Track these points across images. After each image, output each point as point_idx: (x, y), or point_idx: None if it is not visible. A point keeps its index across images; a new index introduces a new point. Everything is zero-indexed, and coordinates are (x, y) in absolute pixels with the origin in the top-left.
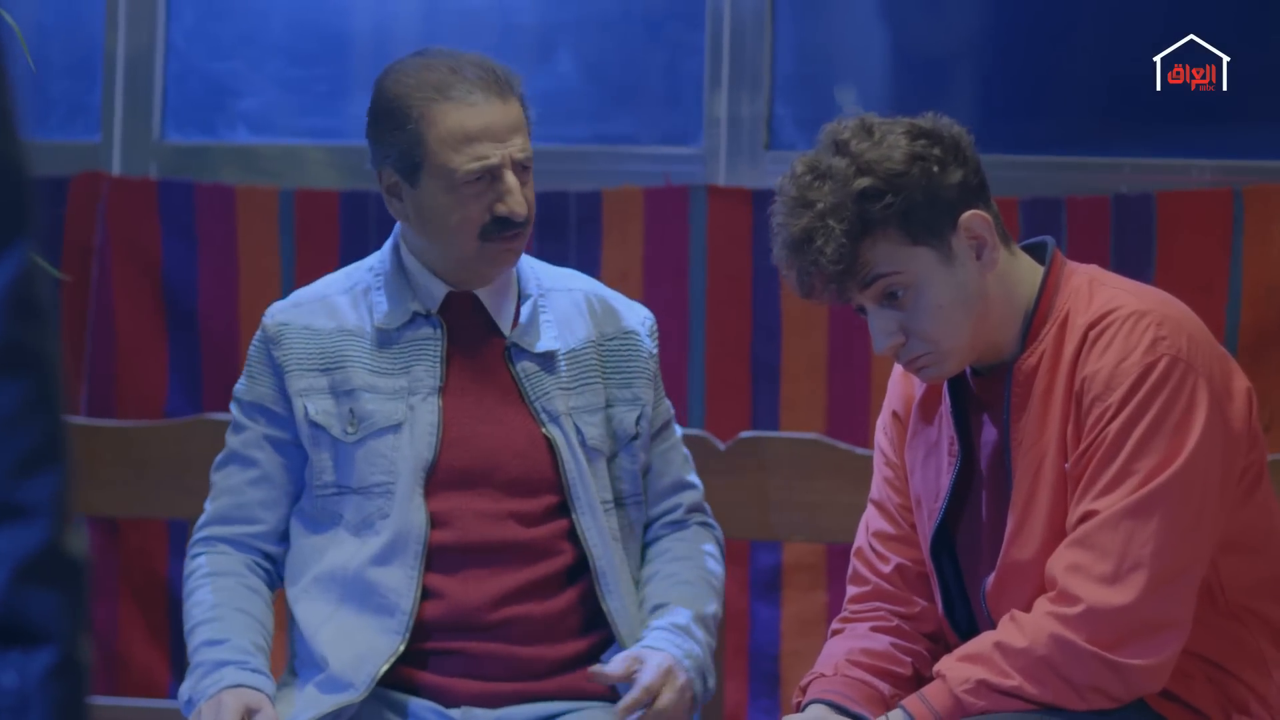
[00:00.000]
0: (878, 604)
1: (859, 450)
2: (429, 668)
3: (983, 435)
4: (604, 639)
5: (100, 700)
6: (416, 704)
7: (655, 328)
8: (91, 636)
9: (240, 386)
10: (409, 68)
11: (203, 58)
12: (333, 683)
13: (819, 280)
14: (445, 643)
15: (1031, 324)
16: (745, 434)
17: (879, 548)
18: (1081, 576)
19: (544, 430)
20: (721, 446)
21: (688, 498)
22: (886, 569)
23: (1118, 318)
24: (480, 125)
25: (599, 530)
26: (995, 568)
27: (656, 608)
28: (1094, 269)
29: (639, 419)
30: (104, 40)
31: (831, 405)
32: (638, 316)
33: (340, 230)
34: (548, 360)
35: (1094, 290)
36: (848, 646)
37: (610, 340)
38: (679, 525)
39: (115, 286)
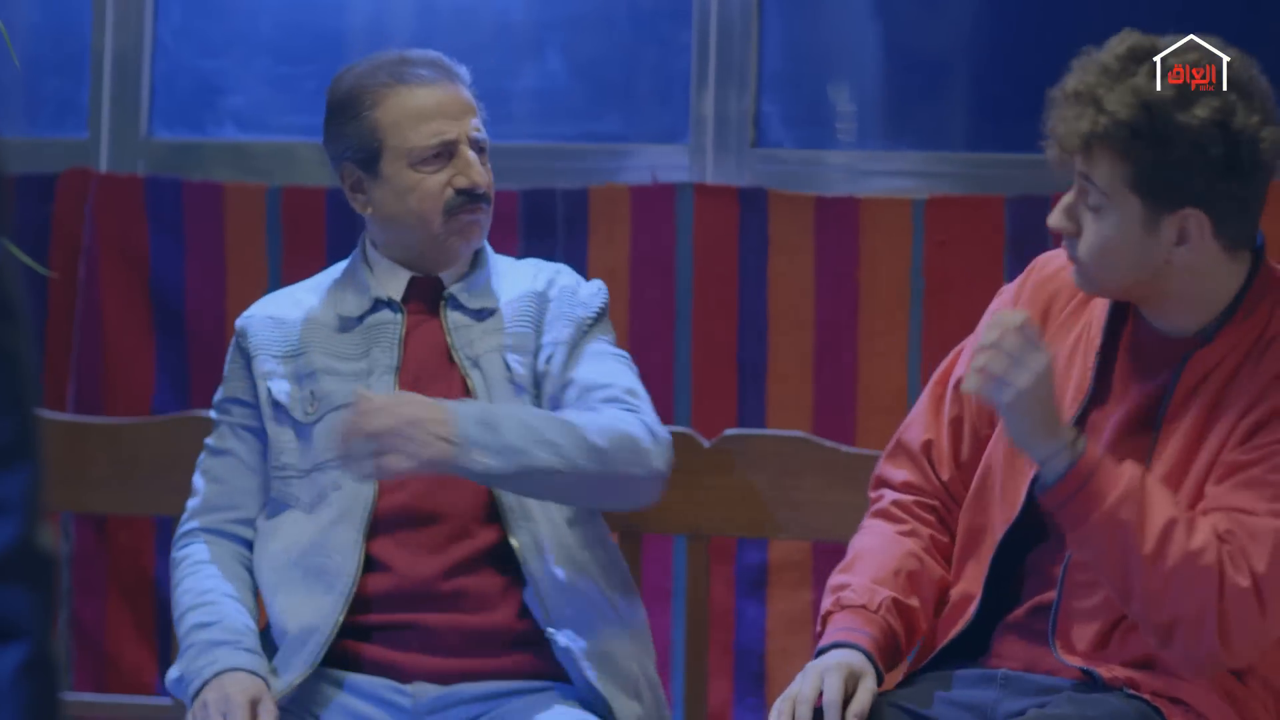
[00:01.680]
0: (937, 504)
1: (845, 448)
2: (380, 641)
3: (1130, 392)
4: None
5: (88, 697)
6: (369, 681)
7: (602, 291)
8: (57, 633)
9: (217, 392)
10: (358, 65)
11: (191, 55)
12: (288, 659)
13: (1054, 135)
14: (396, 615)
15: (1228, 323)
16: (730, 432)
17: (948, 444)
18: (1248, 558)
19: (463, 375)
20: (706, 444)
21: (602, 393)
22: (944, 476)
23: None
24: (433, 103)
25: None
26: None
27: None
28: None
29: (549, 358)
30: (92, 37)
31: (818, 404)
32: (585, 283)
33: (327, 227)
34: (483, 314)
35: None
36: (895, 565)
37: (549, 299)
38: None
39: (103, 283)
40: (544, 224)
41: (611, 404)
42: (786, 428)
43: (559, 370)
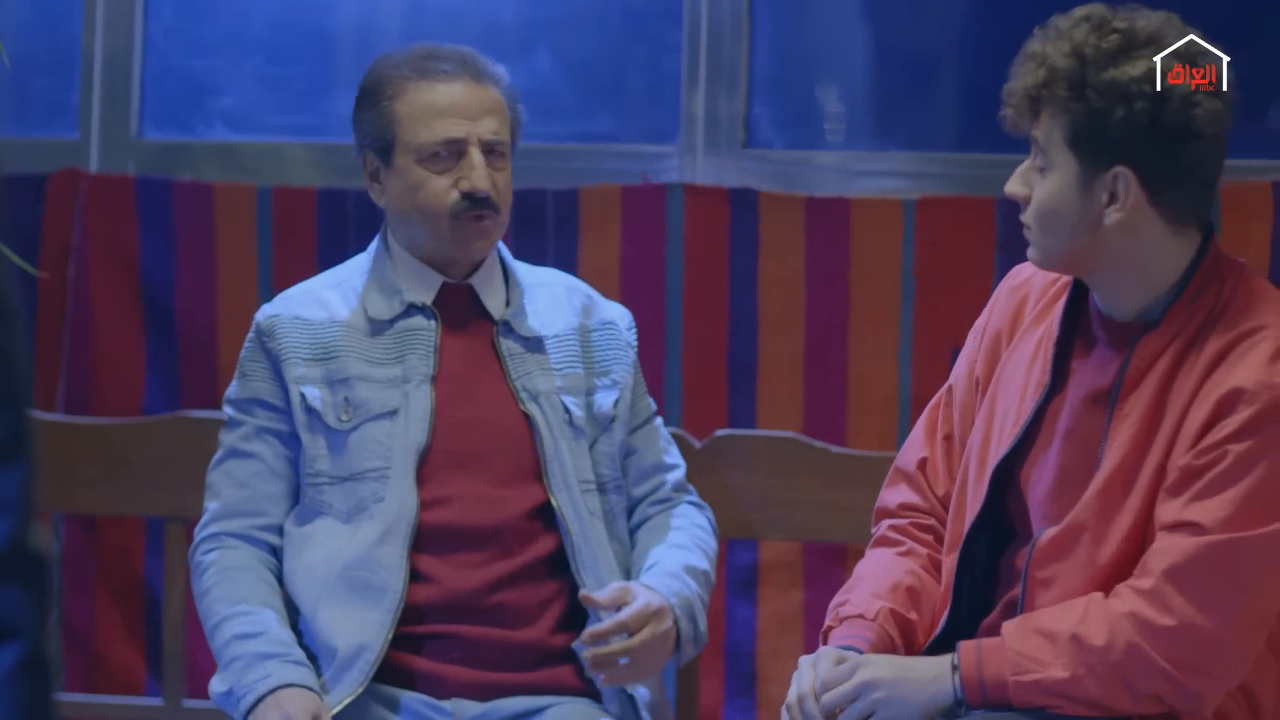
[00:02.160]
0: (934, 522)
1: (835, 449)
2: (422, 653)
3: (1085, 380)
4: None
5: (77, 698)
6: (409, 697)
7: (633, 325)
8: (51, 632)
9: (232, 388)
10: (390, 56)
11: (181, 55)
12: (338, 677)
13: (1006, 98)
14: (438, 626)
15: (1175, 304)
16: (721, 432)
17: (942, 461)
18: (1179, 588)
19: (523, 408)
20: (698, 445)
21: (671, 476)
22: (939, 492)
23: (1268, 337)
24: (448, 101)
25: (574, 507)
26: (1061, 524)
27: (647, 568)
28: (1252, 271)
29: (616, 402)
30: (82, 37)
31: (808, 404)
32: (617, 311)
33: (318, 227)
34: (534, 343)
35: (1253, 298)
36: (894, 580)
37: (592, 332)
38: (666, 503)
39: (93, 284)
40: (534, 224)
41: (682, 494)
42: (776, 428)
43: (626, 416)
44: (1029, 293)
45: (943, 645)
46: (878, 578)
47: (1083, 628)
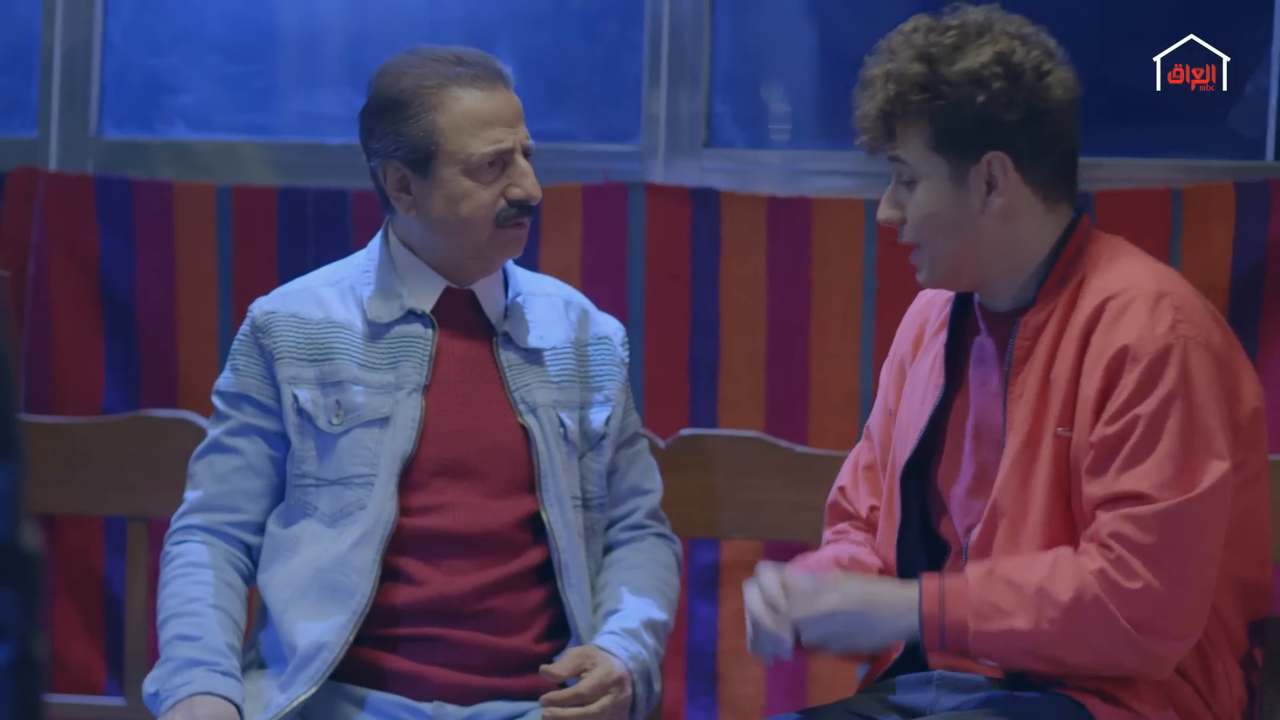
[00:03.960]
0: (863, 534)
1: (799, 448)
2: (404, 654)
3: (981, 376)
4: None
5: None
6: (383, 698)
7: (626, 339)
8: (41, 632)
9: (223, 379)
10: (408, 62)
11: (140, 53)
12: (294, 675)
13: (859, 124)
14: (422, 628)
15: (1046, 281)
16: (684, 431)
17: (862, 485)
18: (1140, 554)
19: (520, 420)
20: (661, 444)
21: (645, 502)
22: (864, 512)
23: (1139, 294)
24: (493, 109)
25: (565, 524)
26: (981, 518)
27: (609, 614)
28: (1119, 240)
29: (608, 419)
30: (41, 35)
31: (770, 403)
32: (611, 325)
33: (278, 227)
34: (533, 355)
35: (1116, 261)
36: (835, 552)
37: (587, 346)
38: (636, 531)
39: (52, 283)
40: None
41: (653, 524)
42: (738, 427)
43: (616, 434)
44: (929, 314)
45: (903, 668)
46: (822, 556)
47: (1050, 581)
